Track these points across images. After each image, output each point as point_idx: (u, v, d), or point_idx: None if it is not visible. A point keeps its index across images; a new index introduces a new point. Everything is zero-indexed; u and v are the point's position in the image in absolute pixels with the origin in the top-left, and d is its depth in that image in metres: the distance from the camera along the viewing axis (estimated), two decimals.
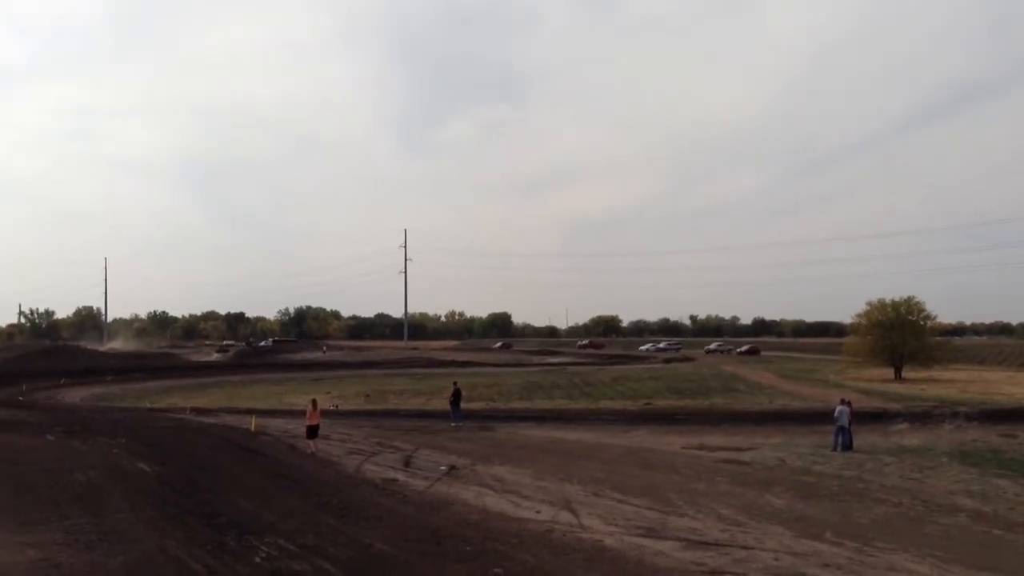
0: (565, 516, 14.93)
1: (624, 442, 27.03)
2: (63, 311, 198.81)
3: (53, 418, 33.71)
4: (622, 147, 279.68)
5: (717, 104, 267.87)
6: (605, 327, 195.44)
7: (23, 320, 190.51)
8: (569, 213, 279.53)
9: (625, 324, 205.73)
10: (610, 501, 16.46)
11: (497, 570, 11.00)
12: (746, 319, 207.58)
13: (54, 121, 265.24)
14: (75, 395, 54.79)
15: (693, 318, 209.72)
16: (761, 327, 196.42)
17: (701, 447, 25.49)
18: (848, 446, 24.77)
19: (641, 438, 28.16)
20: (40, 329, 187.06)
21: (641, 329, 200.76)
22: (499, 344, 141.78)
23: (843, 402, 26.03)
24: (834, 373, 59.72)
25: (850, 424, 25.22)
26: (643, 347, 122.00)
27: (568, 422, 33.58)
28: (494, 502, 16.27)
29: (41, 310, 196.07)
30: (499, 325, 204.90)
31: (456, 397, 33.40)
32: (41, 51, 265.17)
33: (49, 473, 18.59)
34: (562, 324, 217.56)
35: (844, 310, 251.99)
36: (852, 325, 67.88)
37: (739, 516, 15.16)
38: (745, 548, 12.66)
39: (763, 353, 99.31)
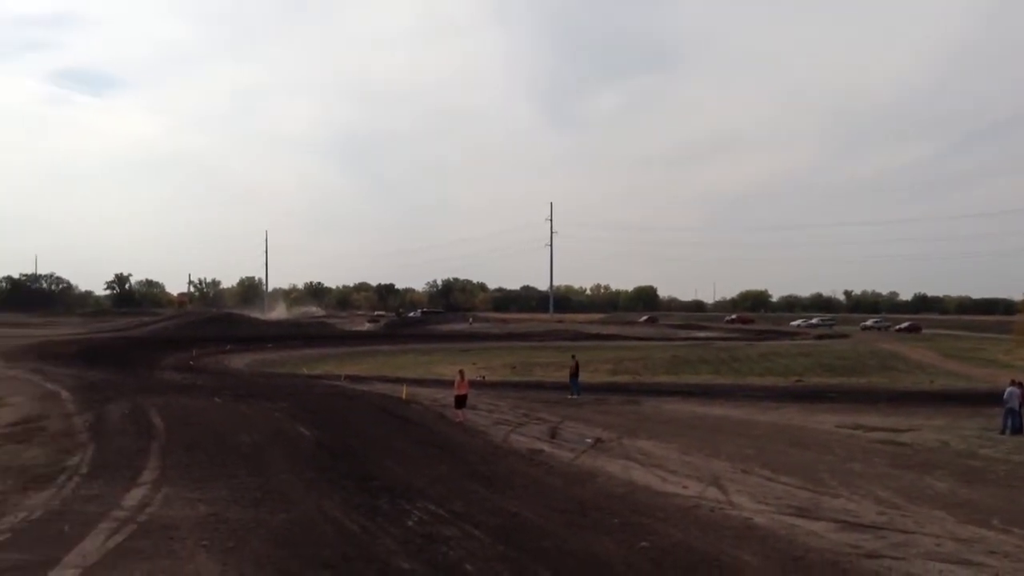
0: (713, 492, 14.71)
1: (773, 419, 26.38)
2: (228, 281, 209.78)
3: (220, 382, 35.72)
4: (775, 117, 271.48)
5: (877, 71, 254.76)
6: (753, 302, 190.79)
7: (192, 289, 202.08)
8: (719, 185, 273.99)
9: (775, 299, 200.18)
10: (759, 479, 16.10)
11: (644, 544, 10.97)
12: (906, 295, 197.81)
13: (218, 99, 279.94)
14: (239, 361, 57.83)
15: (848, 293, 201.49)
16: (922, 303, 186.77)
17: (856, 427, 24.58)
18: (1018, 429, 23.34)
19: (791, 415, 27.41)
20: (208, 298, 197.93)
21: (792, 304, 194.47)
22: (644, 318, 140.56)
23: (1014, 383, 24.48)
24: (1003, 352, 56.26)
25: (1021, 407, 23.76)
26: (794, 323, 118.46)
27: (715, 397, 33.07)
28: (640, 476, 16.20)
29: (208, 280, 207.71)
30: (645, 299, 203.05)
31: (576, 370, 33.44)
32: (205, 33, 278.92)
33: (217, 434, 19.72)
34: (709, 298, 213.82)
35: (1014, 287, 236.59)
36: (1023, 302, 63.76)
37: (897, 499, 14.54)
38: (904, 532, 12.14)
39: (924, 331, 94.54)
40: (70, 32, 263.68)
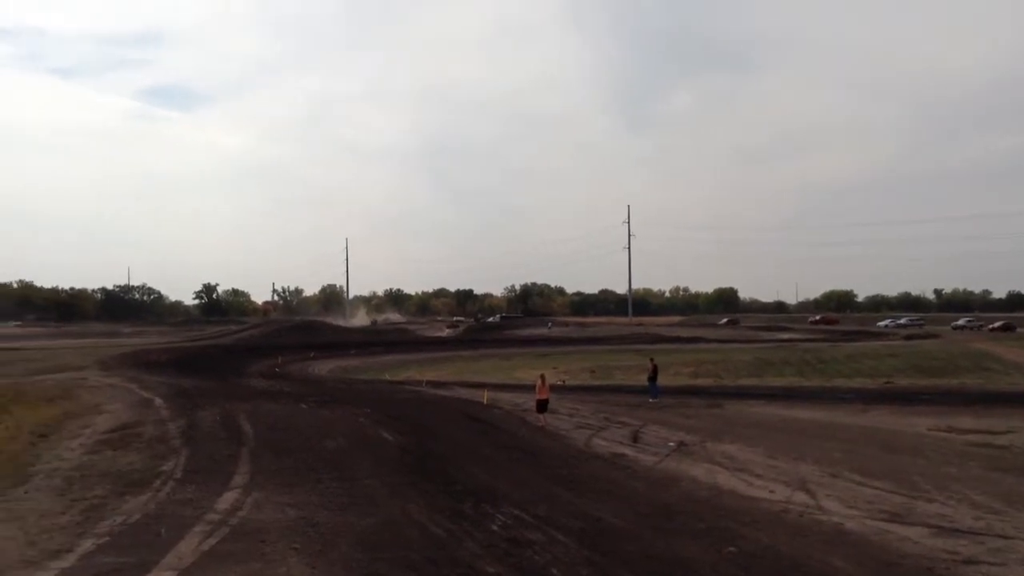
0: (801, 497, 14.41)
1: (862, 422, 25.73)
2: (310, 289, 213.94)
3: (305, 389, 36.45)
4: (857, 111, 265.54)
5: (964, 57, 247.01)
6: (838, 302, 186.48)
7: (276, 297, 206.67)
8: (799, 182, 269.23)
9: (860, 299, 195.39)
10: (849, 483, 15.70)
11: (731, 548, 10.81)
12: (999, 293, 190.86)
13: (299, 111, 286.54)
14: (323, 367, 58.87)
15: (937, 292, 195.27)
16: (1017, 301, 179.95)
17: (949, 429, 23.81)
18: None
19: (881, 418, 26.70)
20: (291, 306, 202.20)
21: (878, 304, 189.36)
22: (725, 320, 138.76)
23: None
24: None
25: None
26: (881, 323, 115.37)
27: (800, 400, 32.42)
28: (725, 480, 15.97)
29: (292, 288, 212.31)
30: (725, 300, 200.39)
31: (654, 373, 33.09)
32: (286, 47, 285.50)
33: (304, 439, 20.11)
34: (791, 299, 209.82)
35: None
36: None
37: (995, 503, 14.02)
38: (1003, 537, 11.70)
39: (1020, 330, 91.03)
40: (157, 50, 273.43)
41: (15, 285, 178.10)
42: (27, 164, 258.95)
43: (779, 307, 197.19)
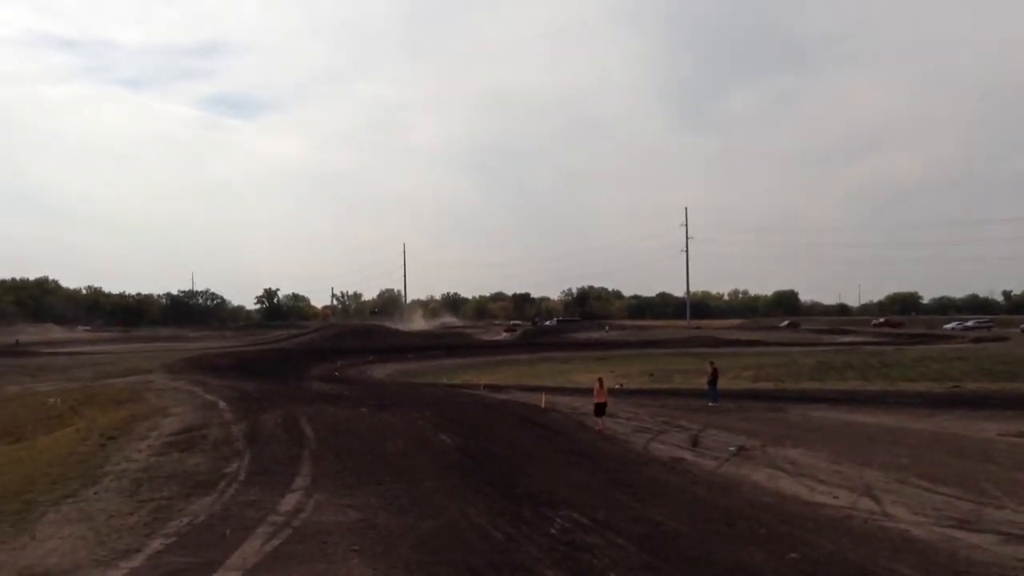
0: (866, 503, 14.15)
1: (929, 427, 25.13)
2: (369, 293, 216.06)
3: (365, 392, 36.81)
4: (923, 109, 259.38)
5: None
6: (903, 304, 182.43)
7: (335, 302, 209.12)
8: (863, 183, 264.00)
9: (926, 301, 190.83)
10: (915, 489, 15.36)
11: (794, 555, 10.65)
12: None
13: (359, 117, 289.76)
14: (381, 371, 59.47)
15: (1007, 294, 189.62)
16: None
17: (1020, 435, 23.12)
18: None
19: (948, 423, 26.05)
20: (349, 310, 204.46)
21: (944, 306, 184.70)
22: (785, 323, 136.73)
23: None
24: None
25: None
26: (948, 325, 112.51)
27: (864, 404, 31.79)
28: (787, 485, 15.75)
29: (351, 292, 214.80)
30: (785, 303, 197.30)
31: (714, 376, 32.73)
32: (345, 54, 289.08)
33: (365, 443, 20.31)
34: (854, 302, 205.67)
35: None
36: None
37: None
38: None
39: None
40: (221, 60, 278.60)
41: (84, 291, 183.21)
42: (97, 173, 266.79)
43: (841, 310, 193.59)
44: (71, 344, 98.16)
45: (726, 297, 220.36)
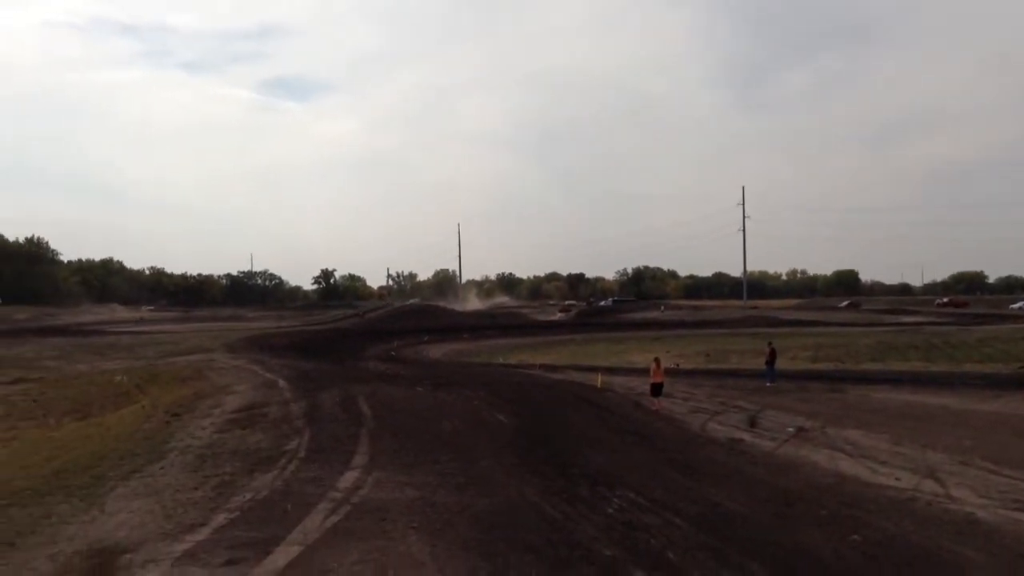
0: (929, 485, 13.89)
1: (995, 408, 24.52)
2: (424, 274, 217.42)
3: (421, 372, 37.09)
4: (987, 86, 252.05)
5: None
6: (968, 284, 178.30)
7: (391, 282, 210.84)
8: (926, 160, 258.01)
9: (992, 280, 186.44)
10: (980, 471, 15.03)
11: (856, 537, 10.51)
12: None
13: (412, 99, 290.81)
14: (437, 351, 59.75)
15: None
16: None
17: None
18: None
19: (1016, 405, 25.38)
20: (405, 290, 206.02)
21: (1011, 285, 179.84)
22: (845, 303, 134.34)
23: None
24: None
25: None
26: (1015, 305, 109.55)
27: (926, 385, 31.10)
28: (848, 466, 15.53)
29: (406, 273, 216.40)
30: (845, 283, 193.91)
31: (772, 357, 32.29)
32: (398, 36, 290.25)
33: (422, 421, 20.50)
34: (916, 281, 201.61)
35: None
36: None
37: None
38: None
39: None
40: (275, 43, 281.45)
41: (147, 271, 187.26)
42: (157, 156, 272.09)
43: (904, 289, 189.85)
44: (135, 324, 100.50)
45: (784, 277, 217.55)
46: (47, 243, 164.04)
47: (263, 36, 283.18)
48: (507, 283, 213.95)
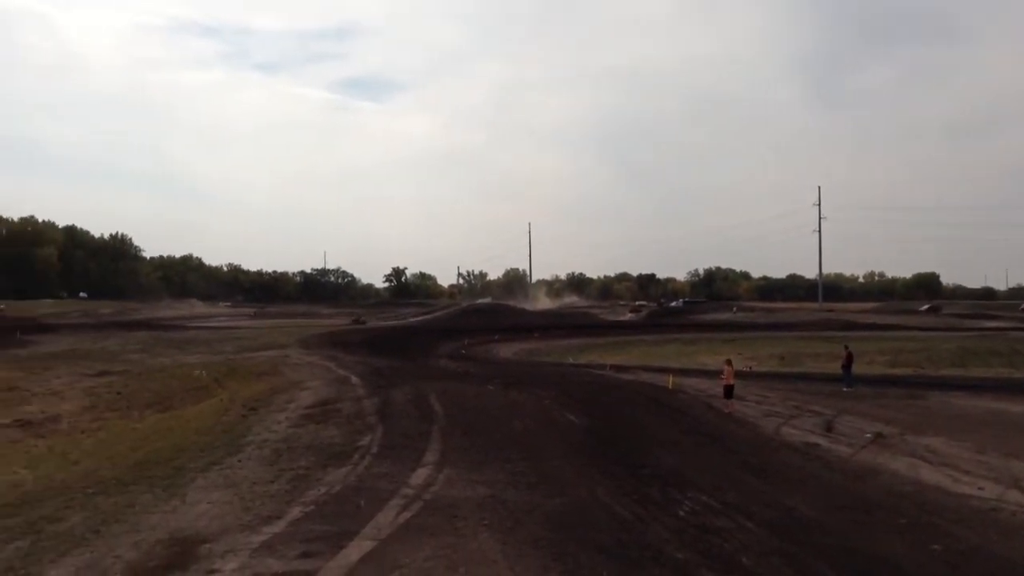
0: (1014, 495, 13.43)
1: None
2: (494, 273, 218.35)
3: (491, 370, 37.25)
4: None
5: None
6: None
7: (461, 281, 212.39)
8: (1010, 159, 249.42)
9: None
10: None
11: (936, 546, 10.23)
12: None
13: (484, 97, 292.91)
14: (507, 350, 59.91)
15: None
16: None
17: None
18: None
19: None
20: (475, 289, 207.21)
21: None
22: (925, 306, 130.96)
23: None
24: None
25: None
26: None
27: (1011, 393, 30.12)
28: (928, 474, 15.12)
29: (476, 271, 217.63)
30: (925, 286, 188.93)
31: (848, 361, 31.57)
32: (471, 34, 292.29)
33: (492, 420, 20.58)
34: (1000, 285, 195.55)
35: None
36: None
37: None
38: None
39: None
40: (351, 43, 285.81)
41: (225, 268, 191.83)
42: (234, 156, 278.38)
43: (987, 294, 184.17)
44: (213, 319, 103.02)
45: (861, 279, 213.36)
46: (130, 240, 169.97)
47: (339, 36, 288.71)
48: (577, 283, 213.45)
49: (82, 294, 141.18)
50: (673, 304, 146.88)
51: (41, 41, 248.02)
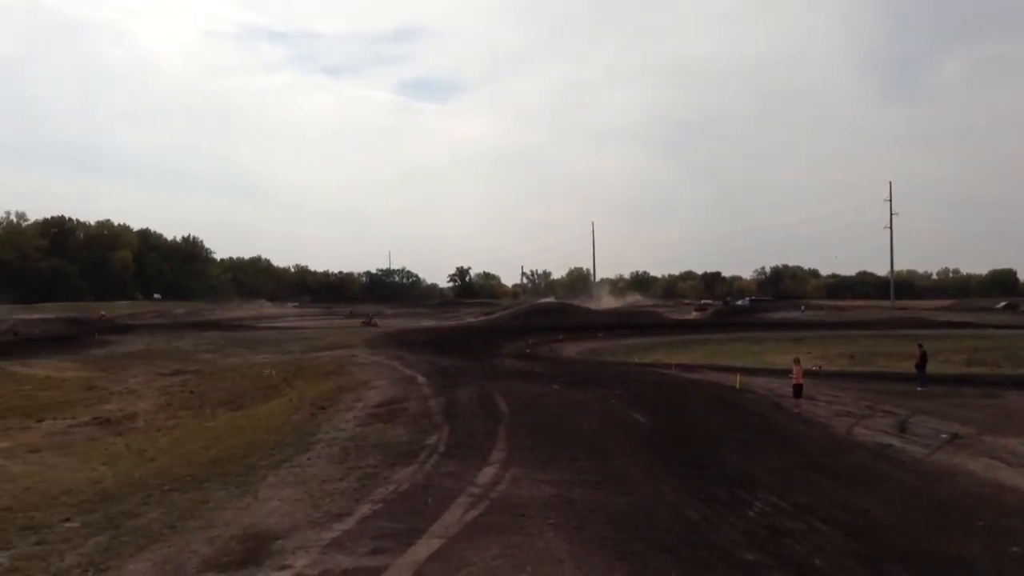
0: None
1: None
2: (557, 272, 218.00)
3: (555, 370, 37.16)
4: None
5: None
6: None
7: (525, 280, 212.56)
8: None
9: None
10: None
11: (1015, 549, 9.95)
12: None
13: (547, 96, 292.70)
14: (571, 349, 59.68)
15: None
16: None
17: None
18: None
19: None
20: (539, 288, 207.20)
21: None
22: (1002, 304, 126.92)
23: None
24: None
25: None
26: None
27: None
28: (1008, 476, 14.66)
29: (540, 271, 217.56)
30: (1002, 283, 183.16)
31: (922, 360, 30.74)
32: (534, 34, 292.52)
33: (557, 419, 20.56)
34: None
35: None
36: None
37: None
38: None
39: None
40: (413, 45, 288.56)
41: (292, 269, 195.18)
42: (301, 158, 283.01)
43: None
44: (281, 319, 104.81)
45: (934, 276, 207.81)
46: (201, 242, 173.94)
47: (403, 38, 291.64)
48: (641, 282, 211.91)
49: (156, 295, 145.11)
50: (739, 303, 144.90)
51: (118, 51, 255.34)
